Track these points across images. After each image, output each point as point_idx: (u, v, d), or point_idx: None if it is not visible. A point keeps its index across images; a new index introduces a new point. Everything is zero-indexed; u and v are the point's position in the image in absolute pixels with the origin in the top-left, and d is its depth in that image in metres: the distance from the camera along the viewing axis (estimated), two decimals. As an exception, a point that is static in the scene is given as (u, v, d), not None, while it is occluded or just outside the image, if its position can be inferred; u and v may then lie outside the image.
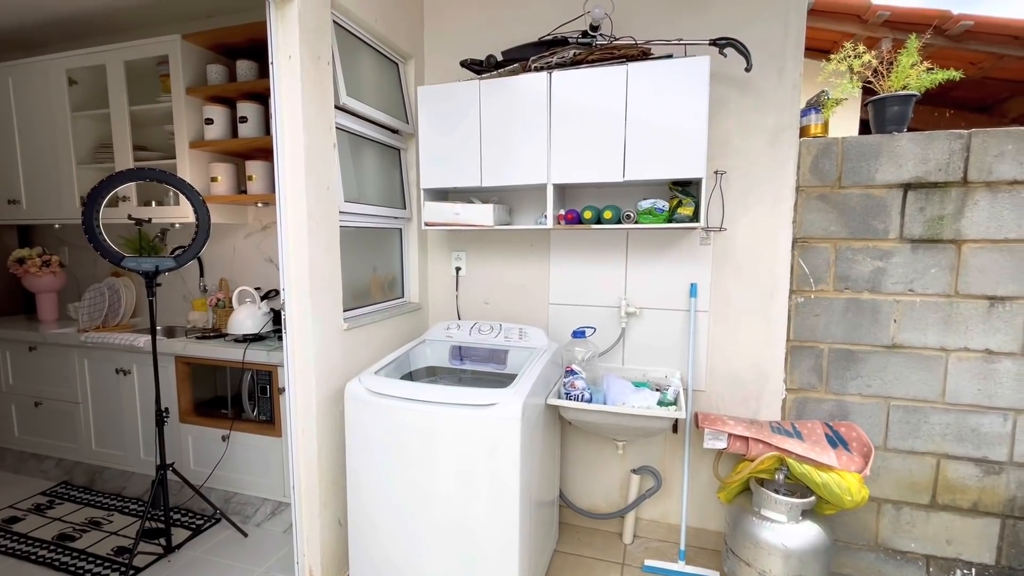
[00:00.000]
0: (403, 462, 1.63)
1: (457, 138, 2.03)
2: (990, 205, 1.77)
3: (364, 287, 2.15)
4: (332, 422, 1.79)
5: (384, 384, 1.67)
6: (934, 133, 1.80)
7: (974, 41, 2.64)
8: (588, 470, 2.31)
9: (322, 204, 1.72)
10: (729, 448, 1.88)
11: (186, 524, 2.32)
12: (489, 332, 2.13)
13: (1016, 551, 1.86)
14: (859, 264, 1.91)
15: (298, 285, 1.68)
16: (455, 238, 2.42)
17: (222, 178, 2.45)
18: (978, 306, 1.81)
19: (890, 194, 1.85)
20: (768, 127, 1.95)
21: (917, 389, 1.90)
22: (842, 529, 1.99)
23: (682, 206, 1.89)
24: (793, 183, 1.95)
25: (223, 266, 2.87)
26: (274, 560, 2.09)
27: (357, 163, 2.04)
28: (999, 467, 1.85)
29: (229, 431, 2.33)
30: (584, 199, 2.17)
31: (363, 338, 1.97)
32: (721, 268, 2.06)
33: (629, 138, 1.83)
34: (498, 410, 1.52)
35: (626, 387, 1.98)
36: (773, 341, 2.02)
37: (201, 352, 2.34)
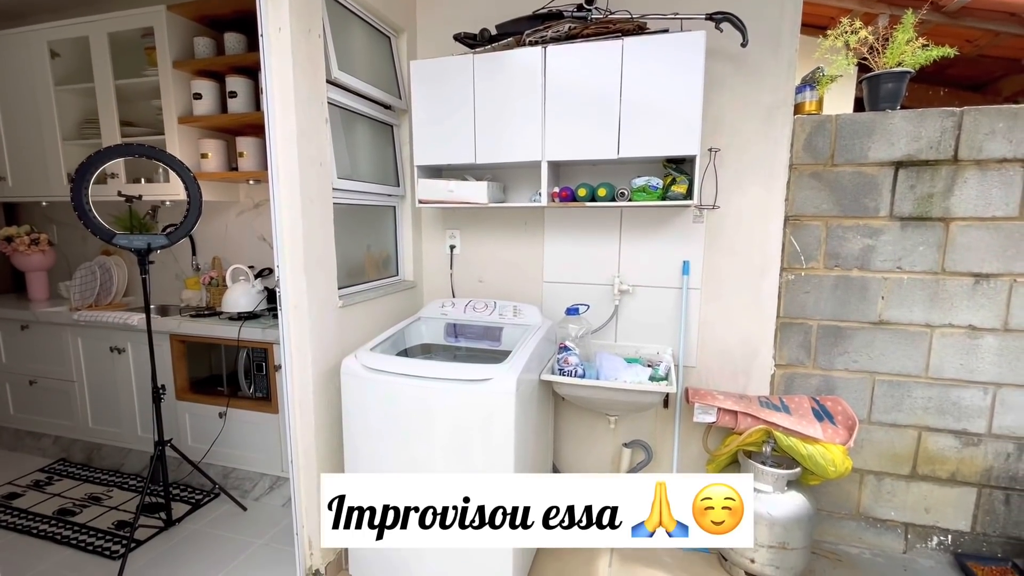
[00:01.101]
0: (399, 436, 1.66)
1: (451, 114, 2.01)
2: (979, 183, 1.79)
3: (358, 265, 2.15)
4: (328, 398, 1.82)
5: (380, 360, 1.69)
6: (926, 111, 1.81)
7: (970, 18, 2.63)
8: (581, 444, 2.36)
9: (315, 180, 1.71)
10: (718, 422, 1.92)
11: (185, 499, 2.36)
12: (484, 310, 2.14)
13: (991, 518, 1.94)
14: (849, 242, 1.93)
15: (293, 262, 1.68)
16: (449, 216, 2.42)
17: (212, 155, 2.42)
18: (963, 283, 1.85)
19: (882, 172, 1.87)
20: (763, 104, 1.94)
21: (902, 364, 1.94)
22: (826, 499, 2.06)
23: (676, 184, 1.90)
24: (786, 161, 1.95)
25: (216, 245, 2.85)
26: (274, 532, 2.14)
27: (350, 139, 2.02)
28: (978, 439, 1.91)
29: (226, 408, 2.35)
30: (578, 177, 2.17)
31: (358, 315, 1.98)
32: (713, 246, 2.08)
33: (624, 114, 1.82)
34: (493, 385, 1.55)
35: (619, 363, 2.01)
36: (763, 318, 2.06)
37: (196, 330, 2.35)
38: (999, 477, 1.91)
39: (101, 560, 1.96)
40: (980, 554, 1.96)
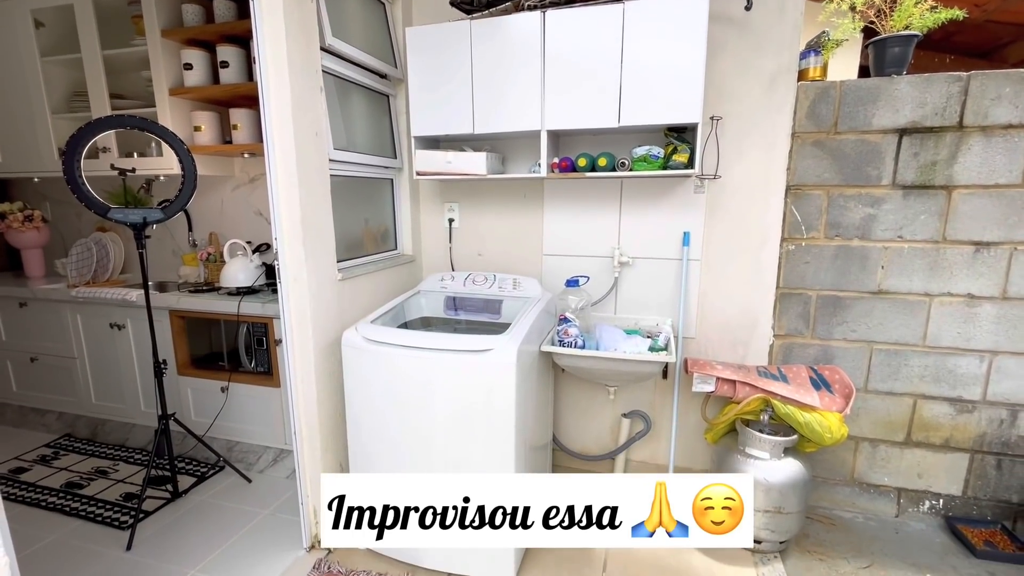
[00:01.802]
0: (401, 407, 1.67)
1: (448, 83, 1.97)
2: (983, 150, 1.77)
3: (357, 239, 2.13)
4: (330, 370, 1.82)
5: (381, 332, 1.69)
6: (933, 76, 1.77)
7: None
8: (581, 415, 2.39)
9: (311, 151, 1.68)
10: (717, 391, 1.94)
11: (190, 472, 2.39)
12: (483, 283, 2.14)
13: (982, 482, 1.98)
14: (851, 211, 1.92)
15: (291, 234, 1.66)
16: (447, 189, 2.39)
17: (206, 127, 2.37)
18: (964, 252, 1.85)
19: (885, 139, 1.84)
20: (766, 70, 1.90)
21: (900, 333, 1.95)
22: (821, 466, 2.10)
23: (677, 153, 1.87)
24: (789, 129, 1.93)
25: (212, 220, 2.82)
26: (279, 503, 2.17)
27: (345, 110, 1.98)
28: (972, 406, 1.94)
29: (227, 382, 2.36)
30: (578, 147, 2.14)
31: (357, 289, 1.98)
32: (714, 216, 2.07)
33: (625, 81, 1.79)
34: (494, 355, 1.55)
35: (618, 335, 2.02)
36: (763, 288, 2.06)
37: (195, 305, 2.34)
38: (991, 443, 1.94)
39: (110, 530, 2.00)
40: (970, 517, 2.00)
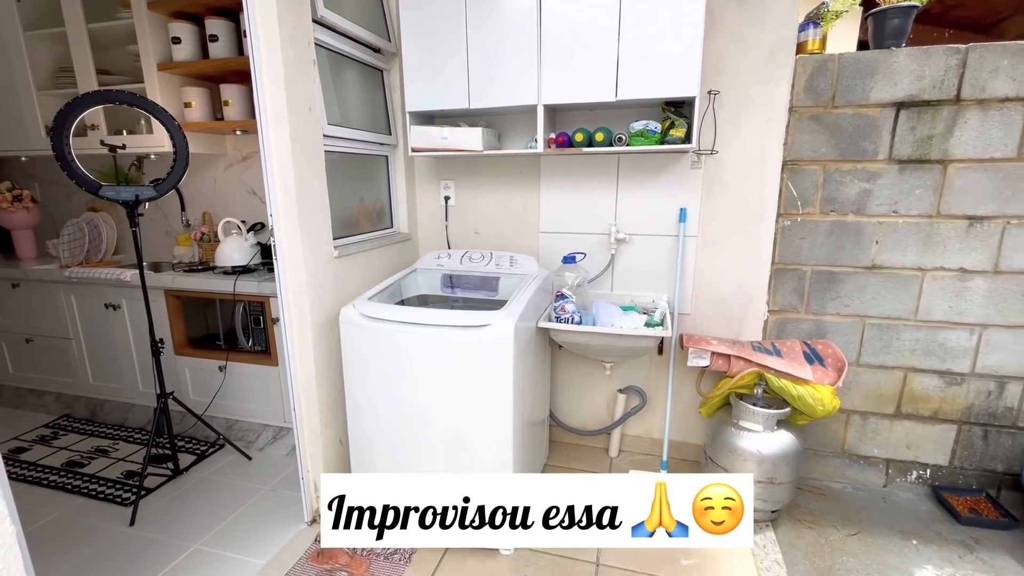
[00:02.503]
0: (400, 383, 1.68)
1: (443, 56, 1.94)
2: (980, 124, 1.77)
3: (352, 217, 2.12)
4: (328, 347, 1.83)
5: (378, 309, 1.70)
6: (931, 48, 1.76)
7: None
8: (577, 391, 2.42)
9: (305, 126, 1.66)
10: (712, 366, 1.97)
11: (190, 450, 2.41)
12: (480, 260, 2.14)
13: (968, 452, 2.03)
14: (846, 186, 1.92)
15: (286, 211, 1.65)
16: (443, 166, 2.37)
17: (196, 103, 2.33)
18: (957, 226, 1.86)
19: (883, 113, 1.84)
20: (765, 43, 1.88)
21: (892, 308, 1.98)
22: (813, 438, 2.14)
23: (674, 127, 1.86)
24: (786, 103, 1.92)
25: (205, 199, 2.79)
26: (279, 479, 2.20)
27: (339, 84, 1.95)
28: (961, 378, 1.98)
29: (225, 362, 2.36)
30: (575, 122, 2.12)
31: (354, 267, 1.97)
32: (711, 192, 2.06)
33: (622, 54, 1.77)
34: (491, 331, 1.56)
35: (614, 311, 2.03)
36: (758, 264, 2.07)
37: (191, 285, 2.33)
38: (979, 414, 1.99)
39: (113, 507, 2.02)
40: (956, 486, 2.06)
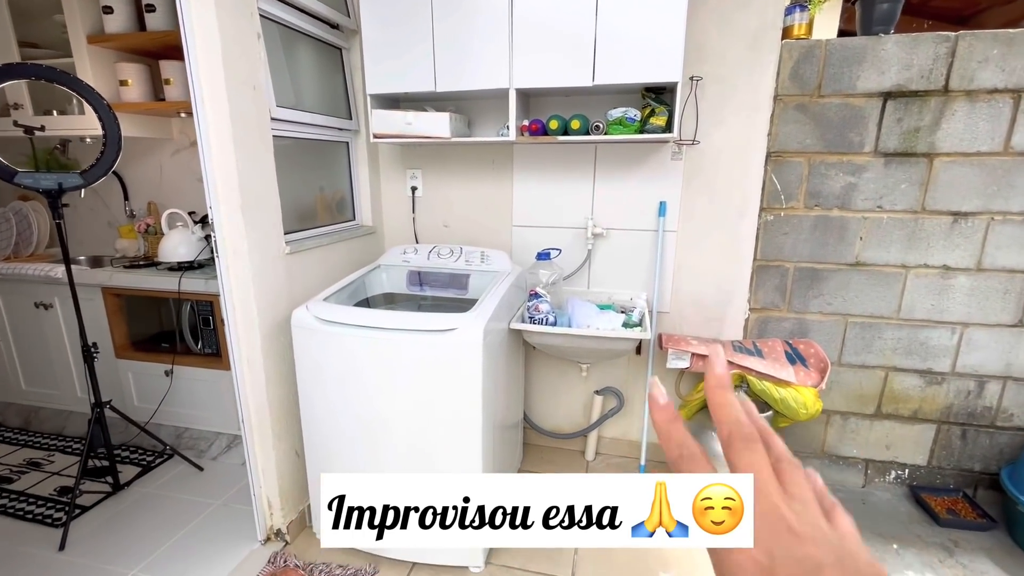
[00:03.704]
0: (358, 392, 1.54)
1: (407, 34, 1.78)
2: (967, 116, 1.71)
3: (309, 208, 1.95)
4: (280, 352, 1.67)
5: (334, 311, 1.55)
6: (921, 35, 1.69)
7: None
8: (552, 392, 2.31)
9: (249, 106, 1.48)
10: (692, 367, 1.88)
11: (135, 461, 2.22)
12: (449, 256, 2.00)
13: (946, 452, 2.00)
14: (831, 180, 1.85)
15: (228, 202, 1.48)
16: (409, 154, 2.21)
17: (133, 81, 2.11)
18: (942, 222, 1.81)
19: (869, 103, 1.76)
20: (750, 27, 1.78)
21: (875, 306, 1.92)
22: (793, 439, 2.08)
23: (655, 115, 1.75)
24: (771, 91, 1.82)
25: (150, 188, 2.57)
26: (233, 492, 2.04)
27: (292, 63, 1.77)
28: (941, 377, 1.94)
29: (171, 366, 2.17)
30: (549, 108, 1.98)
31: (309, 263, 1.81)
32: (691, 185, 1.96)
33: (600, 35, 1.64)
34: (458, 335, 1.43)
35: (591, 310, 1.92)
36: (740, 261, 1.99)
37: (130, 282, 2.13)
38: (958, 414, 1.95)
39: (42, 528, 1.83)
40: (934, 486, 2.03)
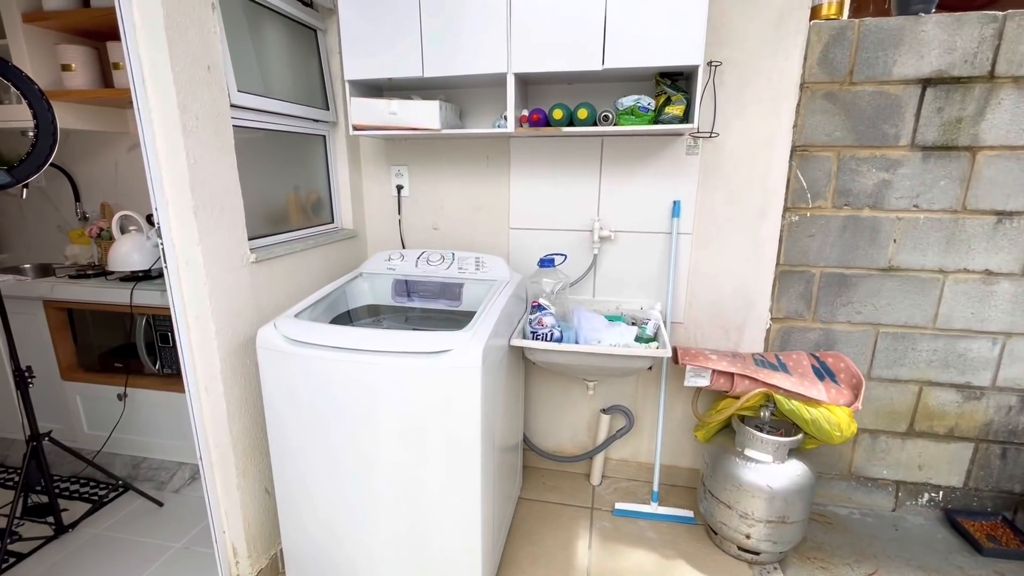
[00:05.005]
0: (336, 423, 1.32)
1: (390, 12, 1.56)
2: (1015, 105, 1.54)
3: (279, 210, 1.72)
4: (245, 377, 1.44)
5: (306, 330, 1.32)
6: (964, 15, 1.52)
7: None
8: (555, 411, 2.11)
9: (202, 91, 1.25)
10: (711, 385, 1.69)
11: (85, 496, 1.96)
12: (440, 263, 1.78)
13: (985, 473, 1.84)
14: (863, 176, 1.67)
15: (178, 203, 1.25)
16: (394, 149, 1.99)
17: (78, 66, 1.86)
18: (984, 223, 1.64)
19: (907, 91, 1.59)
20: (774, 6, 1.60)
21: (908, 315, 1.75)
22: (816, 460, 1.90)
23: (671, 104, 1.56)
24: (797, 78, 1.64)
25: (104, 188, 2.31)
26: (196, 531, 1.80)
27: (259, 44, 1.54)
28: (980, 392, 1.77)
29: (124, 388, 1.92)
30: (550, 96, 1.78)
31: (280, 273, 1.58)
32: (708, 182, 1.78)
33: (611, 14, 1.44)
34: (454, 358, 1.22)
35: (599, 322, 1.72)
36: (761, 265, 1.80)
37: (76, 295, 1.88)
38: (998, 431, 1.79)
39: (-33, 583, 1.58)
40: (970, 509, 1.87)
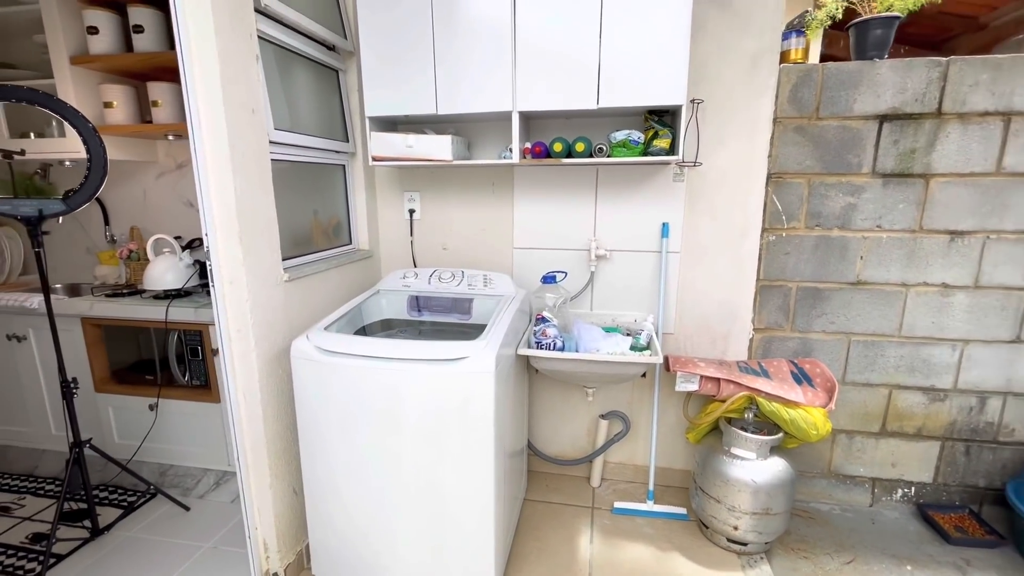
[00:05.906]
0: (363, 425, 1.47)
1: (406, 56, 1.75)
2: (960, 137, 1.75)
3: (305, 233, 1.89)
4: (278, 385, 1.59)
5: (336, 341, 1.48)
6: (914, 60, 1.73)
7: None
8: (556, 417, 2.26)
9: (248, 131, 1.43)
10: (700, 390, 1.86)
11: (117, 502, 2.09)
12: (450, 280, 1.95)
13: (951, 469, 2.01)
14: (831, 200, 1.87)
15: (226, 229, 1.41)
16: (407, 176, 2.17)
17: (119, 103, 2.03)
18: (939, 241, 1.83)
19: (866, 126, 1.79)
20: (748, 51, 1.80)
21: (877, 324, 1.93)
22: (799, 459, 2.06)
23: (658, 138, 1.75)
24: (770, 114, 1.84)
25: (133, 212, 2.47)
26: (223, 533, 1.92)
27: (288, 85, 1.72)
28: (944, 394, 1.95)
29: (157, 399, 2.06)
30: (550, 132, 1.98)
31: (307, 290, 1.74)
32: (694, 206, 1.97)
33: (604, 60, 1.64)
34: (469, 364, 1.38)
35: (597, 333, 1.89)
36: (743, 281, 1.98)
37: (113, 312, 2.02)
38: (961, 430, 1.96)
39: (13, 581, 1.69)
40: (940, 503, 2.03)
